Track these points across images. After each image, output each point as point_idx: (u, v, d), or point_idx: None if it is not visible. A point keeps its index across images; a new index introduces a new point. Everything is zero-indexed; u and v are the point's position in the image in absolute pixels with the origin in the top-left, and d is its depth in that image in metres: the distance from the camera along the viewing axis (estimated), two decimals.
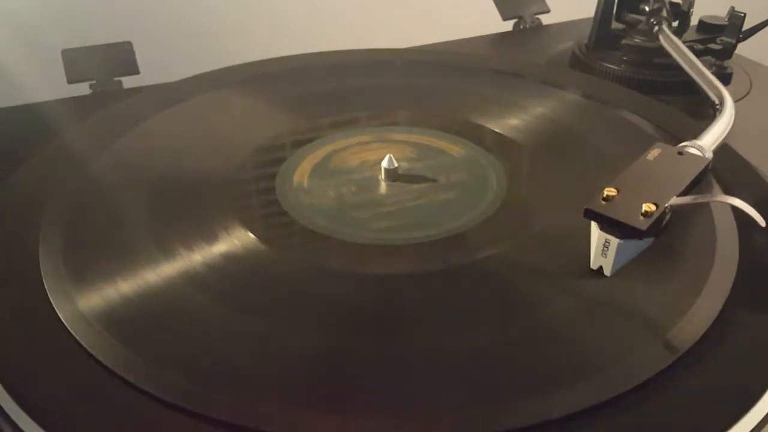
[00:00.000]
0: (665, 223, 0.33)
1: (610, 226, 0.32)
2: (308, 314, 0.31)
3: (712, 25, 0.56)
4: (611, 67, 0.56)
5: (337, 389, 0.27)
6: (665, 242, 0.34)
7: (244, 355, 0.29)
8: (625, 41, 0.56)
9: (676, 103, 0.52)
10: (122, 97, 0.51)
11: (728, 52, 0.55)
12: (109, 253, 0.34)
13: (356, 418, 0.26)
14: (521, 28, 0.70)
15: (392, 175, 0.40)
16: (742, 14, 0.55)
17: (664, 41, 0.54)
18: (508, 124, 0.46)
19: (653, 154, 0.36)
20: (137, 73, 0.55)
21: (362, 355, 0.29)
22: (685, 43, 0.53)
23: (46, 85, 0.54)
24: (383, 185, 0.40)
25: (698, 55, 0.52)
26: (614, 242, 0.32)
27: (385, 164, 0.40)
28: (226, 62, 0.54)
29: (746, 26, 0.55)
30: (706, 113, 0.47)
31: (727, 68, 0.55)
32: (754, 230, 0.31)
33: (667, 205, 0.32)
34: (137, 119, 0.46)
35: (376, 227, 0.37)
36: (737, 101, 0.50)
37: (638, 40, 0.56)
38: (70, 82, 0.53)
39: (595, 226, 0.33)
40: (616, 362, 0.28)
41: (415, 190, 0.40)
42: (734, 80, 0.55)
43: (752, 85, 0.57)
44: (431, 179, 0.41)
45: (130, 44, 0.56)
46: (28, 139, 0.46)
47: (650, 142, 0.37)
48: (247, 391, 0.27)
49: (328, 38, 0.65)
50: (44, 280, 0.32)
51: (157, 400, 0.26)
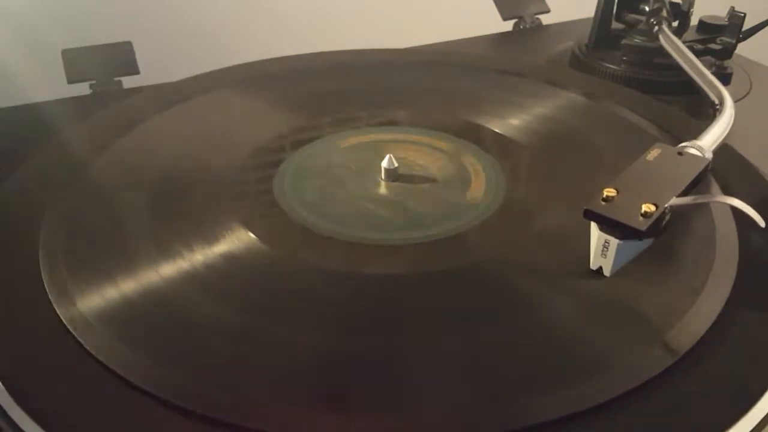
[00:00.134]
0: (665, 223, 0.33)
1: (609, 226, 0.32)
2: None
3: (712, 25, 0.56)
4: (611, 67, 0.56)
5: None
6: (665, 242, 0.34)
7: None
8: (625, 41, 0.56)
9: (676, 103, 0.52)
10: (122, 97, 0.51)
11: (728, 52, 0.55)
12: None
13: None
14: (521, 28, 0.70)
15: (392, 175, 0.40)
16: (742, 14, 0.55)
17: (664, 41, 0.54)
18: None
19: (653, 154, 0.36)
20: (137, 73, 0.55)
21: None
22: (685, 43, 0.53)
23: (46, 85, 0.54)
24: (383, 185, 0.40)
25: (698, 55, 0.52)
26: (614, 243, 0.32)
27: (385, 164, 0.40)
28: (226, 62, 0.54)
29: (746, 26, 0.55)
30: (706, 113, 0.47)
31: (727, 68, 0.55)
32: (754, 230, 0.31)
33: (666, 205, 0.32)
34: (137, 119, 0.46)
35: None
36: (737, 101, 0.50)
37: (638, 40, 0.56)
38: (70, 82, 0.53)
39: (594, 226, 0.33)
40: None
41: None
42: (734, 80, 0.55)
43: (752, 85, 0.57)
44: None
45: (130, 44, 0.56)
46: (28, 139, 0.46)
47: (650, 142, 0.37)
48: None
49: (328, 38, 0.65)
50: (44, 280, 0.32)
51: (157, 400, 0.26)
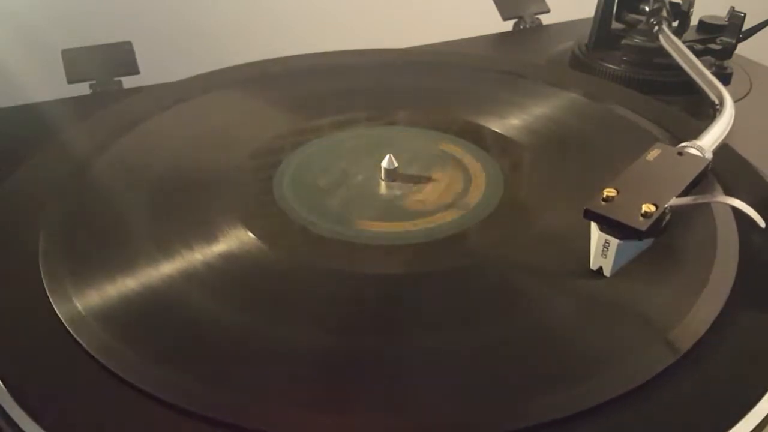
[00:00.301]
0: (665, 223, 0.33)
1: (609, 226, 0.32)
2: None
3: (712, 25, 0.56)
4: (611, 67, 0.56)
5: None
6: (665, 242, 0.34)
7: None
8: (625, 41, 0.56)
9: (676, 103, 0.52)
10: (122, 97, 0.51)
11: (728, 52, 0.55)
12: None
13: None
14: (521, 28, 0.70)
15: (392, 175, 0.40)
16: (742, 14, 0.55)
17: (664, 41, 0.54)
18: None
19: (653, 154, 0.36)
20: (137, 73, 0.55)
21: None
22: (685, 43, 0.53)
23: (46, 85, 0.54)
24: (383, 185, 0.40)
25: (698, 55, 0.52)
26: (614, 243, 0.32)
27: (384, 164, 0.40)
28: (226, 62, 0.54)
29: (746, 26, 0.55)
30: (706, 113, 0.47)
31: (727, 68, 0.55)
32: (754, 230, 0.31)
33: (666, 205, 0.32)
34: (137, 119, 0.46)
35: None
36: (737, 101, 0.50)
37: (638, 40, 0.56)
38: (70, 82, 0.53)
39: (594, 226, 0.33)
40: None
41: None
42: (734, 80, 0.55)
43: (752, 85, 0.57)
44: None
45: (130, 44, 0.56)
46: (28, 139, 0.46)
47: (650, 142, 0.37)
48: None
49: (328, 38, 0.65)
50: (44, 280, 0.32)
51: (156, 399, 0.26)
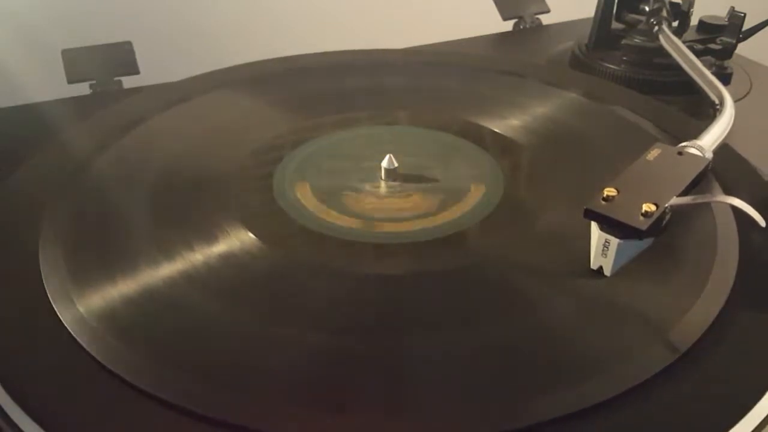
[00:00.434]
0: (665, 223, 0.33)
1: (610, 226, 0.32)
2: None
3: (712, 25, 0.56)
4: (611, 67, 0.56)
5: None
6: (665, 242, 0.34)
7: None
8: (625, 41, 0.56)
9: (676, 103, 0.52)
10: (122, 97, 0.51)
11: (728, 52, 0.55)
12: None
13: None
14: (521, 28, 0.70)
15: (392, 175, 0.40)
16: (742, 14, 0.55)
17: (664, 41, 0.54)
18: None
19: (653, 154, 0.36)
20: (137, 73, 0.55)
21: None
22: (685, 43, 0.53)
23: (46, 85, 0.54)
24: (383, 185, 0.40)
25: (698, 55, 0.52)
26: (614, 242, 0.32)
27: (385, 164, 0.40)
28: (226, 62, 0.53)
29: (746, 26, 0.55)
30: (706, 113, 0.47)
31: (727, 68, 0.55)
32: (754, 230, 0.31)
33: (667, 205, 0.32)
34: (137, 119, 0.46)
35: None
36: (737, 101, 0.50)
37: (638, 40, 0.56)
38: (70, 82, 0.53)
39: (595, 226, 0.33)
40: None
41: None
42: (734, 80, 0.55)
43: (752, 85, 0.57)
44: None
45: (130, 44, 0.56)
46: (28, 139, 0.46)
47: (650, 142, 0.37)
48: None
49: (328, 38, 0.65)
50: (44, 280, 0.32)
51: (156, 399, 0.26)
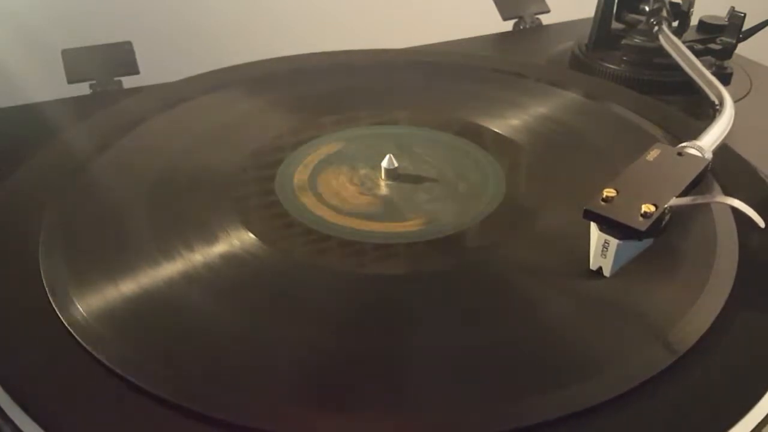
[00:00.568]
0: (665, 223, 0.33)
1: (609, 226, 0.32)
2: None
3: (712, 25, 0.56)
4: (611, 67, 0.56)
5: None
6: (665, 242, 0.34)
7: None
8: (625, 41, 0.56)
9: (676, 103, 0.52)
10: (122, 97, 0.51)
11: (728, 52, 0.55)
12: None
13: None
14: (521, 28, 0.70)
15: (392, 175, 0.40)
16: (742, 14, 0.55)
17: (664, 41, 0.54)
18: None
19: (653, 154, 0.36)
20: (137, 73, 0.55)
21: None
22: (685, 43, 0.53)
23: (46, 85, 0.54)
24: (383, 185, 0.40)
25: (698, 55, 0.52)
26: (613, 243, 0.32)
27: (385, 164, 0.40)
28: (226, 62, 0.53)
29: (746, 26, 0.55)
30: (706, 113, 0.47)
31: (727, 68, 0.55)
32: (753, 231, 0.31)
33: (666, 205, 0.32)
34: (137, 119, 0.46)
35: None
36: (737, 101, 0.50)
37: (638, 40, 0.56)
38: (70, 82, 0.53)
39: (594, 226, 0.33)
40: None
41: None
42: (734, 80, 0.55)
43: (752, 85, 0.57)
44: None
45: (130, 44, 0.56)
46: (28, 139, 0.46)
47: (650, 142, 0.37)
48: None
49: (328, 38, 0.65)
50: (44, 280, 0.32)
51: (156, 399, 0.26)
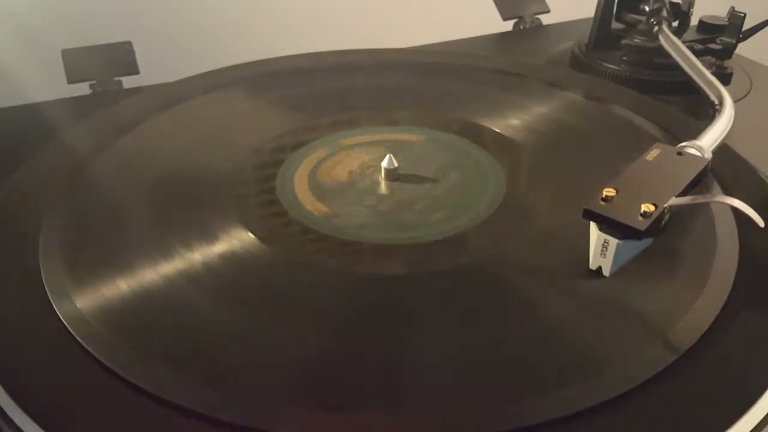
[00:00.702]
0: (664, 223, 0.33)
1: (609, 226, 0.32)
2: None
3: (712, 25, 0.56)
4: (611, 67, 0.56)
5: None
6: (665, 242, 0.34)
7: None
8: (625, 41, 0.56)
9: (676, 103, 0.52)
10: (122, 97, 0.51)
11: (728, 52, 0.55)
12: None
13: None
14: (521, 28, 0.70)
15: (392, 175, 0.40)
16: (742, 14, 0.55)
17: (664, 41, 0.54)
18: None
19: (652, 154, 0.36)
20: (137, 73, 0.55)
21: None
22: (685, 43, 0.53)
23: (46, 85, 0.54)
24: (383, 185, 0.40)
25: (698, 55, 0.52)
26: (613, 242, 0.32)
27: (385, 164, 0.40)
28: (226, 62, 0.54)
29: (746, 26, 0.55)
30: (706, 113, 0.47)
31: (727, 68, 0.55)
32: (753, 230, 0.31)
33: (666, 205, 0.32)
34: (137, 119, 0.46)
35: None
36: (737, 101, 0.50)
37: (638, 40, 0.56)
38: (70, 82, 0.53)
39: (594, 226, 0.33)
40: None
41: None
42: (734, 80, 0.55)
43: (752, 85, 0.57)
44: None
45: (130, 44, 0.56)
46: (28, 139, 0.46)
47: (650, 142, 0.37)
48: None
49: (328, 38, 0.65)
50: (44, 280, 0.32)
51: (157, 399, 0.26)
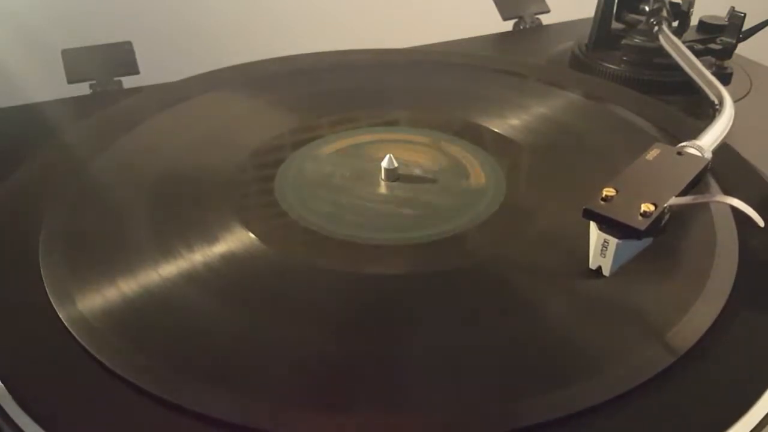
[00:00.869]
0: (664, 223, 0.33)
1: (609, 226, 0.32)
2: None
3: (712, 25, 0.56)
4: (611, 67, 0.56)
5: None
6: (665, 242, 0.34)
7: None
8: (625, 41, 0.56)
9: (676, 103, 0.52)
10: (122, 97, 0.51)
11: (728, 52, 0.55)
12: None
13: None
14: (521, 28, 0.70)
15: (392, 175, 0.40)
16: (742, 14, 0.55)
17: (664, 41, 0.54)
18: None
19: (652, 154, 0.36)
20: (137, 73, 0.55)
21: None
22: (685, 43, 0.53)
23: (46, 85, 0.54)
24: (383, 185, 0.40)
25: (698, 55, 0.52)
26: (613, 242, 0.32)
27: (385, 164, 0.40)
28: (226, 62, 0.54)
29: (746, 26, 0.55)
30: (706, 113, 0.47)
31: (727, 68, 0.55)
32: (753, 230, 0.31)
33: (666, 205, 0.32)
34: (137, 119, 0.46)
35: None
36: (737, 101, 0.50)
37: (638, 40, 0.56)
38: (70, 82, 0.53)
39: (594, 226, 0.33)
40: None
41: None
42: (734, 80, 0.55)
43: (752, 85, 0.57)
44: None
45: (130, 44, 0.56)
46: (28, 139, 0.46)
47: (650, 142, 0.37)
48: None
49: (328, 38, 0.65)
50: (44, 280, 0.32)
51: (157, 400, 0.26)
